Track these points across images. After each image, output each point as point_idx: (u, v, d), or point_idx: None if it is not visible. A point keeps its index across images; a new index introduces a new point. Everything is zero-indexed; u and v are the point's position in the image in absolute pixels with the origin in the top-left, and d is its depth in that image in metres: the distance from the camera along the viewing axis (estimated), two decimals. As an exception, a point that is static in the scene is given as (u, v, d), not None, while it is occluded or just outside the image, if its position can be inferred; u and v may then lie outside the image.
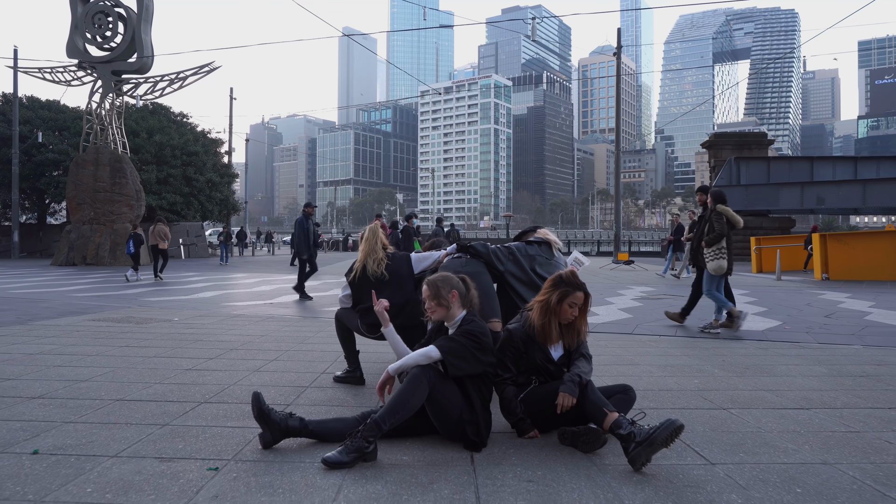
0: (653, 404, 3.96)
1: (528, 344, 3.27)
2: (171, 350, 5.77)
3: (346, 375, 4.46)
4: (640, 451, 2.71)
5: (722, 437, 3.25)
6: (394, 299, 4.14)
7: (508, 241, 4.75)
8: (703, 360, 5.64)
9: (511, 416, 3.22)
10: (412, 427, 3.10)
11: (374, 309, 3.49)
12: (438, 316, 3.25)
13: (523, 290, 4.15)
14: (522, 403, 3.21)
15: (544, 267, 4.26)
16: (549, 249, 4.41)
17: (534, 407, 3.20)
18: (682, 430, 2.75)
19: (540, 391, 3.22)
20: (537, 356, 3.26)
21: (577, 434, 3.02)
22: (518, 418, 3.20)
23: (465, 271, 4.13)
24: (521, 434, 3.20)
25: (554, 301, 3.22)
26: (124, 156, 25.33)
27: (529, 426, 3.20)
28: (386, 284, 4.22)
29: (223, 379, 4.52)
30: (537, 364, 3.27)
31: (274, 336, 6.78)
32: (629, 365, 5.36)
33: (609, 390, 3.24)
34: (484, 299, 4.04)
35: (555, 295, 3.22)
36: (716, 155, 32.45)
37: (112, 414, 3.55)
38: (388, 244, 4.46)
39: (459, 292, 3.25)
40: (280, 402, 3.91)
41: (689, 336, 7.39)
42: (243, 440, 3.10)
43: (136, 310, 9.38)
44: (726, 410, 3.83)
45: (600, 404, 2.95)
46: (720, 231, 7.73)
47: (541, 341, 3.26)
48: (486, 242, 4.49)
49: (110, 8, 24.72)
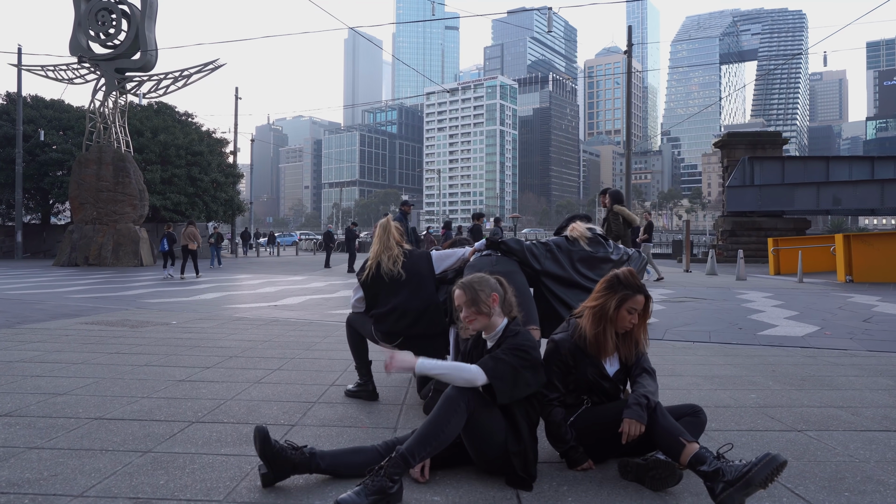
0: (714, 425, 3.42)
1: (577, 357, 2.74)
2: (165, 358, 5.25)
3: (358, 389, 3.93)
4: (731, 493, 2.17)
5: (813, 470, 2.71)
6: (412, 303, 3.63)
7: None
8: (752, 371, 5.09)
9: (561, 444, 2.68)
10: (445, 458, 2.57)
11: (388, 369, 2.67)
12: (478, 326, 2.69)
13: (563, 293, 3.62)
14: (573, 428, 2.68)
15: (588, 264, 3.73)
16: (597, 241, 3.87)
17: (586, 432, 2.66)
18: (785, 466, 2.21)
19: (593, 413, 2.69)
20: (589, 371, 2.73)
21: (646, 468, 2.48)
22: (569, 446, 2.65)
23: (496, 271, 3.61)
24: (573, 466, 2.66)
25: (612, 307, 2.67)
26: (128, 155, 24.90)
27: (583, 456, 2.66)
28: (403, 284, 3.69)
29: (219, 392, 4.00)
30: (589, 381, 2.73)
31: (277, 342, 6.27)
32: (671, 376, 4.81)
33: (676, 411, 2.70)
34: (519, 301, 3.52)
35: (612, 300, 2.68)
36: (728, 155, 31.76)
37: (87, 437, 3.03)
38: (402, 240, 3.91)
39: (500, 295, 2.71)
40: (283, 421, 3.38)
41: (724, 342, 6.84)
42: (239, 473, 2.58)
43: (134, 312, 8.89)
44: (802, 433, 3.29)
45: (675, 433, 2.41)
46: (617, 232, 7.80)
47: (593, 353, 2.73)
48: (518, 238, 3.95)
49: (114, 5, 24.33)
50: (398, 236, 3.86)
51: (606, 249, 3.85)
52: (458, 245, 4.20)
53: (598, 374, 2.73)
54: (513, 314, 2.76)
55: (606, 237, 4.05)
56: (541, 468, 2.63)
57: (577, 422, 2.68)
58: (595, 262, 3.77)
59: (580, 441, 2.66)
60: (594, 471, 2.65)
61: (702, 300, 11.84)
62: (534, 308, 3.58)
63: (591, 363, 2.73)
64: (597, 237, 3.90)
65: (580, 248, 3.78)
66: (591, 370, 2.72)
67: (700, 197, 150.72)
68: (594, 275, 3.75)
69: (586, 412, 2.70)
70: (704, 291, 13.88)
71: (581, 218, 4.11)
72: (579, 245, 3.79)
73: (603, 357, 2.74)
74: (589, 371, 2.72)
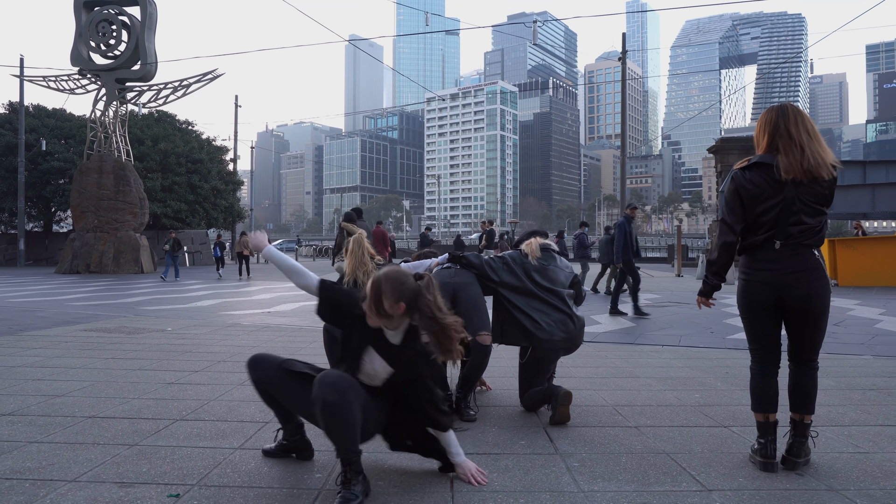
0: (650, 421, 3.77)
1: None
2: (157, 362, 5.62)
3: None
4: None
5: (721, 459, 3.06)
6: None
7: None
8: (706, 373, 5.44)
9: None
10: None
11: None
12: (373, 324, 2.68)
13: (518, 300, 3.97)
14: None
15: (542, 273, 4.08)
16: (550, 255, 4.22)
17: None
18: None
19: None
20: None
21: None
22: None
23: (453, 282, 3.97)
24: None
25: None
26: (128, 164, 25.33)
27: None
28: None
29: (204, 394, 4.36)
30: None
31: (264, 347, 6.62)
32: (629, 377, 5.16)
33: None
34: (473, 311, 3.88)
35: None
36: (722, 160, 32.09)
37: (81, 433, 3.39)
38: (374, 254, 4.22)
39: (408, 304, 2.65)
40: (259, 419, 3.74)
41: (692, 346, 7.19)
42: (213, 462, 2.94)
43: (131, 319, 9.25)
44: (727, 428, 3.64)
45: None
46: (338, 241, 8.47)
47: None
48: (478, 253, 4.31)
49: (114, 16, 24.79)
50: (371, 251, 4.16)
51: (556, 263, 4.20)
52: (424, 257, 4.56)
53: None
54: (432, 316, 2.66)
55: (561, 252, 4.40)
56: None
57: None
58: (547, 271, 4.12)
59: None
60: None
61: (685, 304, 12.18)
62: (486, 315, 3.94)
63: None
64: (549, 252, 4.25)
65: (530, 261, 4.13)
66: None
67: (700, 201, 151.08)
68: (549, 283, 4.09)
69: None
70: (690, 296, 14.20)
71: (539, 234, 4.46)
72: (529, 259, 4.13)
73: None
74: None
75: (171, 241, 20.35)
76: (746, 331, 3.03)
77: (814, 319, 2.84)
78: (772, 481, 2.76)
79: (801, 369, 2.93)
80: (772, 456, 2.88)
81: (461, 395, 3.86)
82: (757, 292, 2.87)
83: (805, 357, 2.93)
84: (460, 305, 3.91)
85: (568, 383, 4.81)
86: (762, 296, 2.85)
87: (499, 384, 4.83)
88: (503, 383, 4.87)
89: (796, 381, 2.93)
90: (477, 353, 3.80)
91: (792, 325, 2.90)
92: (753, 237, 2.86)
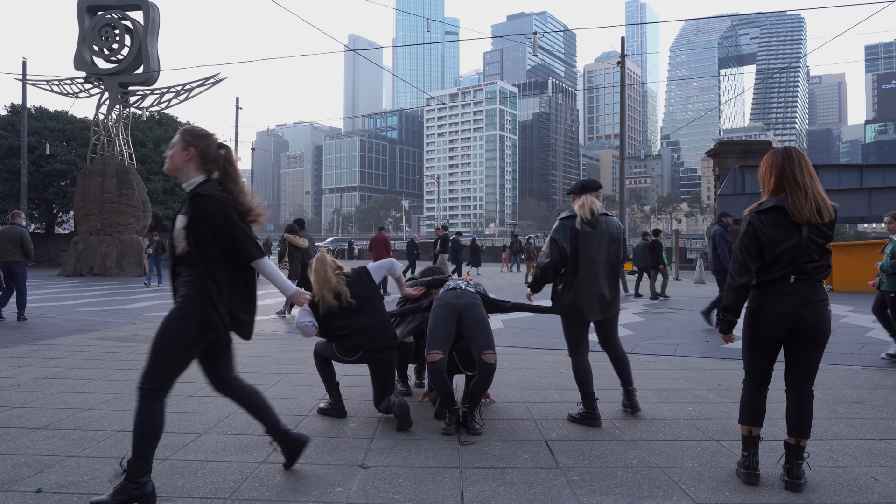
0: (645, 435, 4.02)
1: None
2: (174, 374, 5.85)
3: (329, 408, 4.49)
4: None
5: (710, 473, 3.31)
6: (369, 322, 4.13)
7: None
8: (700, 384, 5.69)
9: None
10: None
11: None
12: (168, 166, 2.97)
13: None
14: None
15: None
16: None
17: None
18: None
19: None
20: None
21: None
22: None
23: (459, 304, 4.22)
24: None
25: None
26: (131, 167, 25.57)
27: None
28: (356, 309, 4.14)
29: (223, 407, 4.60)
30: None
31: (275, 357, 6.87)
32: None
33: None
34: (478, 331, 4.12)
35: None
36: (720, 163, 32.39)
37: (115, 447, 3.63)
38: (339, 265, 4.29)
39: (198, 153, 2.93)
40: (278, 432, 3.98)
41: (687, 355, 7.43)
42: (240, 476, 3.18)
43: (141, 327, 9.49)
44: (717, 442, 3.88)
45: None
46: (280, 251, 10.61)
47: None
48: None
49: (117, 21, 25.00)
50: (334, 265, 4.24)
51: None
52: (430, 276, 4.87)
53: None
54: (219, 174, 2.95)
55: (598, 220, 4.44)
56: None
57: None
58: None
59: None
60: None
61: (681, 311, 12.42)
62: (490, 335, 4.18)
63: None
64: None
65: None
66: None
67: (699, 201, 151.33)
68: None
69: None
70: (686, 302, 14.47)
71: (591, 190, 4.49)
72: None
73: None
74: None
75: (155, 245, 19.29)
76: (747, 356, 3.24)
77: (818, 345, 3.10)
78: (755, 495, 3.01)
79: (800, 395, 3.15)
80: (754, 468, 3.13)
81: (468, 410, 4.10)
82: (769, 323, 3.08)
83: (804, 382, 3.15)
84: (465, 326, 4.16)
85: (566, 396, 5.06)
86: (775, 325, 3.06)
87: (501, 396, 5.07)
88: (506, 395, 5.12)
89: (795, 407, 3.14)
90: (482, 371, 4.04)
91: (795, 352, 3.12)
92: (769, 274, 3.08)
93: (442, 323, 4.16)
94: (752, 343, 3.18)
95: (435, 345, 4.06)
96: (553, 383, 5.65)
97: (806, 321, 3.02)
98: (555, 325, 10.14)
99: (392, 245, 18.24)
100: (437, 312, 4.23)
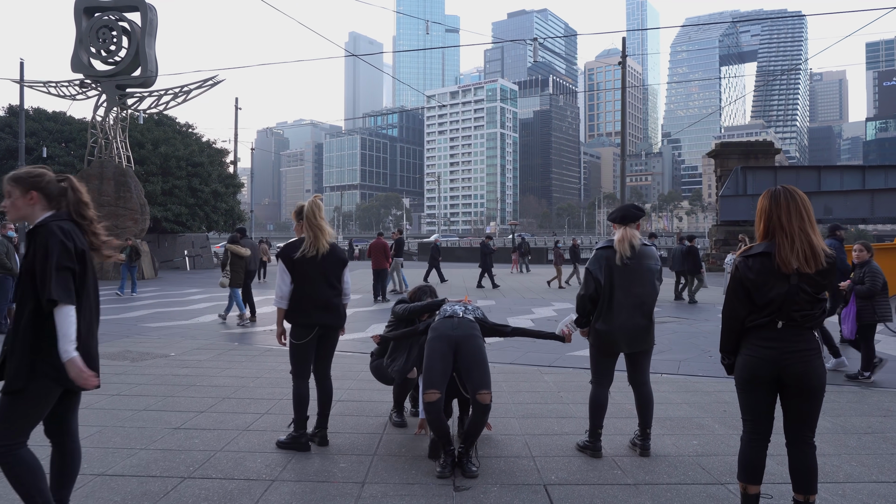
0: (648, 477, 3.85)
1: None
2: (162, 400, 5.68)
3: (291, 441, 4.31)
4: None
5: (718, 528, 3.14)
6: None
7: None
8: (704, 411, 5.52)
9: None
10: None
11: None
12: (14, 216, 2.80)
13: None
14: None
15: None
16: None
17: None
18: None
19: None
20: None
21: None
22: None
23: (456, 335, 4.04)
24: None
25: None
26: (129, 170, 25.38)
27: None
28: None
29: (211, 442, 4.43)
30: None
31: (268, 378, 6.69)
32: (627, 417, 5.19)
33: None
34: (474, 367, 3.95)
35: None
36: (722, 164, 32.19)
37: (92, 496, 3.46)
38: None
39: (40, 195, 2.76)
40: (265, 475, 3.81)
41: (690, 374, 7.27)
42: (222, 533, 3.01)
43: (135, 341, 9.32)
44: (724, 486, 3.71)
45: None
46: (223, 260, 11.38)
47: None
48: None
49: (114, 22, 24.79)
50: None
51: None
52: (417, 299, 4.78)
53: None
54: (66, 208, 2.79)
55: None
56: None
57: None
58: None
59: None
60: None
61: (683, 320, 12.25)
62: (487, 372, 4.00)
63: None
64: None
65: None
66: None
67: (700, 199, 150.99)
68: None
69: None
70: (689, 309, 14.30)
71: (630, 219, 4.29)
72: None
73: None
74: None
75: (128, 250, 17.45)
76: (741, 402, 3.08)
77: (810, 397, 2.91)
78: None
79: (801, 448, 2.97)
80: None
81: (463, 450, 3.93)
82: (756, 366, 2.92)
83: (802, 434, 2.97)
84: (461, 360, 3.98)
85: (567, 426, 4.87)
86: (761, 370, 2.90)
87: (500, 427, 4.90)
88: (504, 426, 4.94)
89: (797, 461, 2.97)
90: (477, 411, 3.87)
91: (788, 402, 2.96)
92: (757, 318, 2.92)
93: (439, 358, 3.99)
94: (741, 388, 3.03)
95: (431, 384, 3.89)
96: (554, 410, 5.47)
97: (791, 369, 2.86)
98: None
99: (406, 246, 18.17)
100: (433, 345, 4.06)
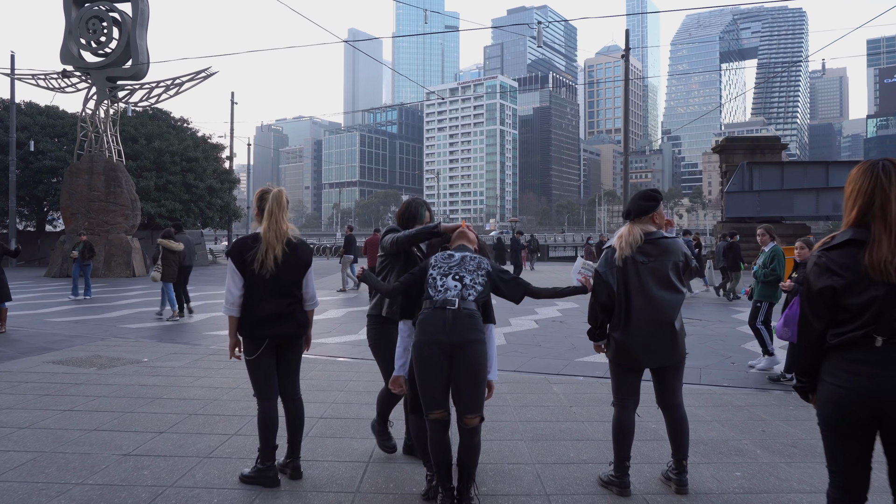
0: (691, 524, 3.15)
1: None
2: (119, 417, 4.97)
3: (257, 475, 3.61)
4: None
5: None
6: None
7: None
8: (740, 431, 4.81)
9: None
10: None
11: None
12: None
13: None
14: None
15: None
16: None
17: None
18: None
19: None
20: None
21: None
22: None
23: (450, 341, 3.24)
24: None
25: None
26: (119, 164, 24.67)
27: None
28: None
29: (162, 474, 3.71)
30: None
31: (244, 389, 5.96)
32: (653, 440, 4.51)
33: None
34: (465, 384, 3.11)
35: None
36: (727, 160, 31.46)
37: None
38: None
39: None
40: (221, 521, 3.11)
41: (715, 384, 6.57)
42: None
43: (109, 344, 8.62)
44: (786, 537, 3.01)
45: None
46: (154, 254, 11.33)
47: None
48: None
49: (105, 13, 24.06)
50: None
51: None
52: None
53: None
54: None
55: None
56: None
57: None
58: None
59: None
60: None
61: (696, 321, 11.60)
62: (482, 390, 3.26)
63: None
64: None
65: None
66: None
67: (700, 196, 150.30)
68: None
69: None
70: (700, 309, 13.66)
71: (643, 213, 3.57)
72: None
73: None
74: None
75: (81, 246, 15.24)
76: (826, 446, 2.32)
77: None
78: None
79: None
80: None
81: (463, 489, 3.22)
82: (846, 401, 2.16)
83: None
84: (454, 372, 3.16)
85: (584, 452, 4.17)
86: (855, 409, 2.15)
87: (506, 452, 4.20)
88: (511, 451, 4.24)
89: None
90: (464, 434, 3.15)
91: (894, 450, 2.22)
92: (845, 331, 2.18)
93: (436, 369, 3.13)
94: (826, 431, 2.26)
95: (434, 403, 3.15)
96: (567, 430, 4.77)
97: None
98: (562, 341, 9.26)
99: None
100: (423, 352, 3.16)
